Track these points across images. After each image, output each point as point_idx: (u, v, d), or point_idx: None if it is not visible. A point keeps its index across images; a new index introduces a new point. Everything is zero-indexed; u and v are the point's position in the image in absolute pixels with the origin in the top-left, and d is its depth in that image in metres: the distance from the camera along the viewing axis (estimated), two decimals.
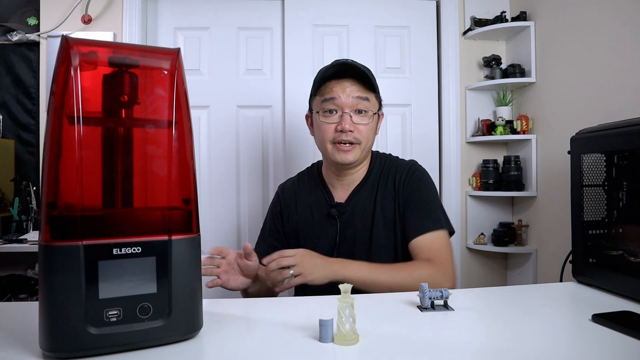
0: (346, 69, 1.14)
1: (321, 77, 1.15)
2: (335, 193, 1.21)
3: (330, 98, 1.13)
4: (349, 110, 1.12)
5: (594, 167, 1.04)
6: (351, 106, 1.12)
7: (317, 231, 1.19)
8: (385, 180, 1.18)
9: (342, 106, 1.12)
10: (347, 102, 1.12)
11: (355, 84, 1.13)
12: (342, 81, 1.13)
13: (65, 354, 0.59)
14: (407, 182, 1.15)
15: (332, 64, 1.16)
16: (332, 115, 1.14)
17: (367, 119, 1.14)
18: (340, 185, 1.21)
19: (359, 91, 1.13)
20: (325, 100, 1.14)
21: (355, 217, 1.16)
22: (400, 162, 1.22)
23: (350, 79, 1.13)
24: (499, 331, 0.75)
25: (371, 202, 1.16)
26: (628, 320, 0.74)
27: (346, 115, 1.12)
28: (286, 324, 0.75)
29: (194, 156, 0.69)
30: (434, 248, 1.06)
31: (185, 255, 0.66)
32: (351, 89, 1.13)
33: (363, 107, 1.13)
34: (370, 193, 1.18)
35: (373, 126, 1.17)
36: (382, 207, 1.15)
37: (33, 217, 2.06)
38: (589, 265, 1.02)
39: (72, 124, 0.60)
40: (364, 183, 1.19)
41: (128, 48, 0.68)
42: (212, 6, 2.22)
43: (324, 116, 1.15)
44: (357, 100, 1.12)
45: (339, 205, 1.18)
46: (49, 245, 0.59)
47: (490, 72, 2.19)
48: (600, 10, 1.66)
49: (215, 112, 2.21)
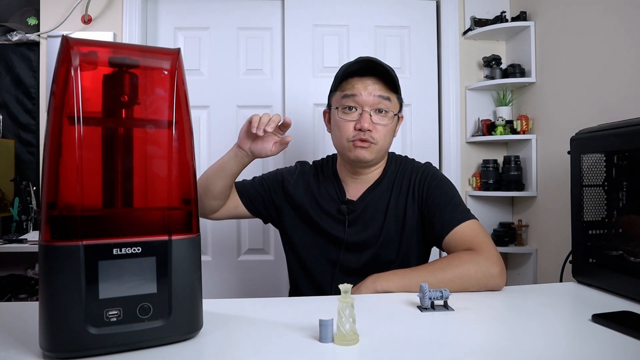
0: (370, 67, 1.11)
1: (343, 72, 1.13)
2: (348, 190, 1.19)
3: (351, 95, 1.11)
4: (369, 108, 1.10)
5: (594, 167, 1.04)
6: (372, 105, 1.10)
7: (323, 224, 1.17)
8: (401, 182, 1.16)
9: (363, 104, 1.10)
10: (368, 100, 1.10)
11: (377, 82, 1.11)
12: (365, 79, 1.11)
13: (65, 354, 0.59)
14: (427, 184, 1.13)
15: (356, 60, 1.13)
16: (352, 113, 1.11)
17: (387, 119, 1.11)
18: (353, 183, 1.19)
19: (381, 90, 1.10)
20: (345, 97, 1.12)
21: (366, 216, 1.15)
22: (416, 164, 1.21)
23: (373, 77, 1.11)
24: (498, 331, 0.75)
25: (384, 203, 1.15)
26: (628, 320, 0.74)
27: (366, 113, 1.09)
28: (286, 324, 0.75)
29: (194, 156, 0.69)
30: (471, 236, 1.03)
31: (185, 255, 0.66)
32: (373, 87, 1.10)
33: (384, 106, 1.11)
34: (385, 194, 1.16)
35: (392, 127, 1.14)
36: (395, 208, 1.14)
37: (33, 217, 2.07)
38: (589, 265, 1.02)
39: (72, 124, 0.60)
40: (378, 183, 1.18)
41: (128, 48, 0.68)
42: (212, 6, 2.22)
43: (343, 113, 1.12)
44: (378, 99, 1.10)
45: (350, 203, 1.17)
46: (49, 245, 0.59)
47: (490, 72, 2.19)
48: (600, 10, 1.66)
49: (215, 112, 2.21)
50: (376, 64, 1.10)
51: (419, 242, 1.15)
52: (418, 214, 1.14)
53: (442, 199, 1.10)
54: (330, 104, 1.18)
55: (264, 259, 2.22)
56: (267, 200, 1.24)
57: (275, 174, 1.27)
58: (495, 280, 0.95)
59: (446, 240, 1.06)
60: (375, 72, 1.11)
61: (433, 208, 1.10)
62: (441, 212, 1.08)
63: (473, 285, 0.94)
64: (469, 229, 1.04)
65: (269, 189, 1.24)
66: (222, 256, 2.19)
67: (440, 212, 1.08)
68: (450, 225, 1.06)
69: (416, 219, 1.14)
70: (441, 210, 1.09)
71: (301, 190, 1.22)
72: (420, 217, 1.14)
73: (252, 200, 1.23)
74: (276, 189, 1.24)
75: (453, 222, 1.06)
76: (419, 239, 1.15)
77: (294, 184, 1.23)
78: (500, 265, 0.96)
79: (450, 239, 1.05)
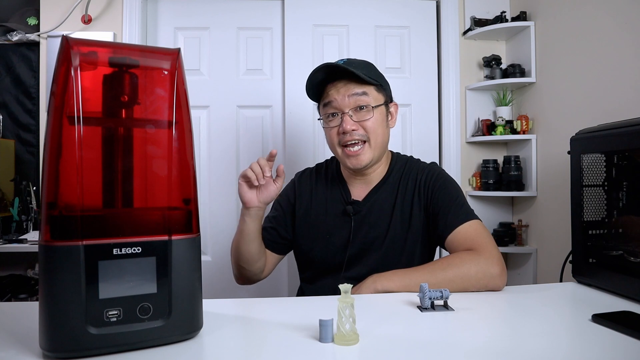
0: (336, 71, 1.11)
1: (311, 84, 1.15)
2: (353, 190, 1.20)
3: (329, 102, 1.12)
4: (348, 110, 1.10)
5: (594, 167, 1.04)
6: (349, 105, 1.11)
7: (330, 227, 1.17)
8: (406, 182, 1.16)
9: (341, 107, 1.11)
10: (345, 103, 1.10)
11: (349, 82, 1.11)
12: (336, 83, 1.12)
13: (65, 354, 0.59)
14: (432, 184, 1.13)
15: (317, 68, 1.12)
16: (334, 119, 1.13)
17: (369, 114, 1.11)
18: (358, 183, 1.20)
19: (355, 87, 1.10)
20: (325, 105, 1.14)
21: (372, 217, 1.15)
22: (421, 164, 1.21)
23: (343, 78, 1.12)
24: (498, 331, 0.75)
25: (390, 203, 1.15)
26: (628, 320, 0.74)
27: (345, 116, 1.10)
28: (286, 324, 0.75)
29: (194, 156, 0.69)
30: (472, 236, 1.03)
31: (185, 255, 0.66)
32: (345, 88, 1.11)
33: (362, 102, 1.11)
34: (390, 194, 1.16)
35: (379, 119, 1.13)
36: (401, 208, 1.14)
37: (33, 217, 2.06)
38: (589, 265, 1.02)
39: (72, 124, 0.60)
40: (383, 182, 1.18)
41: (128, 48, 0.68)
42: (212, 6, 2.22)
43: (327, 121, 1.15)
44: (354, 98, 1.10)
45: (356, 203, 1.17)
46: (49, 245, 0.59)
47: (490, 72, 2.19)
48: (600, 11, 1.66)
49: (215, 112, 2.21)
50: (338, 67, 1.09)
51: (424, 242, 1.15)
52: (423, 214, 1.14)
53: (446, 199, 1.10)
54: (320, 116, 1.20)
55: None
56: (282, 232, 1.24)
57: (277, 203, 1.27)
58: (495, 281, 0.95)
59: (449, 240, 1.06)
60: (344, 73, 1.11)
61: (437, 207, 1.10)
62: (445, 211, 1.09)
63: (473, 285, 0.94)
64: (472, 229, 1.05)
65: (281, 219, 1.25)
66: (222, 256, 2.19)
67: (444, 212, 1.09)
68: (453, 224, 1.06)
69: (421, 218, 1.14)
70: (445, 210, 1.09)
71: (305, 198, 1.23)
72: (426, 217, 1.14)
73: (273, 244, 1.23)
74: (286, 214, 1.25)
75: (456, 221, 1.06)
76: (424, 238, 1.15)
77: (297, 197, 1.24)
78: (501, 265, 0.96)
79: (452, 238, 1.05)
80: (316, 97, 1.18)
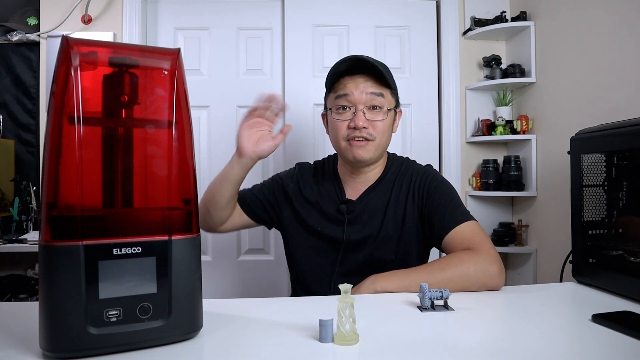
0: (359, 65, 1.11)
1: (333, 73, 1.13)
2: (347, 189, 1.20)
3: (344, 94, 1.11)
4: (362, 106, 1.10)
5: (594, 167, 1.04)
6: (365, 102, 1.10)
7: (323, 224, 1.17)
8: (401, 183, 1.17)
9: (356, 103, 1.10)
10: (361, 99, 1.10)
11: (369, 79, 1.11)
12: (356, 77, 1.11)
13: (65, 354, 0.59)
14: (427, 186, 1.13)
15: (344, 58, 1.12)
16: (346, 112, 1.12)
17: (381, 115, 1.11)
18: (353, 183, 1.20)
19: (373, 87, 1.10)
20: (338, 97, 1.12)
21: (365, 216, 1.15)
22: (417, 166, 1.21)
23: (364, 74, 1.11)
24: (498, 331, 0.75)
25: (384, 204, 1.15)
26: (628, 320, 0.74)
27: (359, 111, 1.09)
28: (286, 324, 0.75)
29: (194, 156, 0.69)
30: (469, 236, 1.03)
31: (185, 255, 0.66)
32: (365, 85, 1.10)
33: (378, 103, 1.11)
34: (384, 194, 1.16)
35: (388, 122, 1.14)
36: (395, 208, 1.14)
37: (33, 217, 2.07)
38: (589, 265, 1.02)
39: (72, 124, 0.60)
40: (378, 183, 1.18)
41: (128, 48, 0.68)
42: (212, 6, 2.22)
43: (337, 113, 1.13)
44: (371, 96, 1.10)
45: (350, 202, 1.17)
46: (49, 245, 0.59)
47: (490, 72, 2.19)
48: (600, 11, 1.66)
49: (215, 112, 2.21)
50: (365, 61, 1.10)
51: (418, 243, 1.15)
52: (418, 215, 1.14)
53: (442, 200, 1.11)
54: (326, 106, 1.19)
55: (264, 259, 2.22)
56: (267, 205, 1.24)
57: (274, 179, 1.28)
58: (494, 279, 0.95)
59: (445, 241, 1.06)
60: (365, 69, 1.11)
61: (433, 209, 1.11)
62: (441, 212, 1.09)
63: (472, 284, 0.94)
64: (468, 229, 1.05)
65: (269, 193, 1.25)
66: (222, 256, 2.19)
67: (440, 213, 1.09)
68: (449, 225, 1.06)
69: (415, 220, 1.14)
70: (441, 211, 1.09)
71: (300, 191, 1.23)
72: (420, 219, 1.14)
73: (251, 206, 1.23)
74: (276, 193, 1.24)
75: (452, 222, 1.06)
76: (418, 240, 1.15)
77: (293, 186, 1.24)
78: (498, 264, 0.97)
79: (449, 239, 1.05)
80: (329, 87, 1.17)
